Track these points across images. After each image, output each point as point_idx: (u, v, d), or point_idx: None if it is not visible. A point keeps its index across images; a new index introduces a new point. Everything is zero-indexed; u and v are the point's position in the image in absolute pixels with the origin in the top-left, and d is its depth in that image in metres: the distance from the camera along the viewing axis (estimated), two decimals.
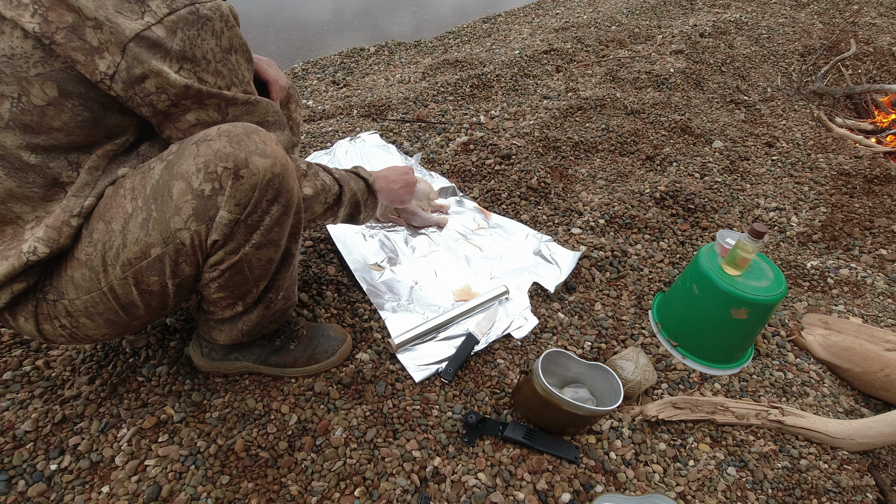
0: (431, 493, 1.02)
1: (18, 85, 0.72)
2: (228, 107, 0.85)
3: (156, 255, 0.82)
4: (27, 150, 0.76)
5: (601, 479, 1.08)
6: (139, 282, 0.85)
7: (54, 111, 0.75)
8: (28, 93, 0.72)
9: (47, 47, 0.70)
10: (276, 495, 0.99)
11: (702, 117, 2.52)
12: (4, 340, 1.20)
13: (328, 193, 1.05)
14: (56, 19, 0.69)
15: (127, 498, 0.96)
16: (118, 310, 0.88)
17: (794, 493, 1.11)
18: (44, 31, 0.69)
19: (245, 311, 1.00)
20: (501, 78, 2.62)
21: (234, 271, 0.89)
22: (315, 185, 1.01)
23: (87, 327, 0.89)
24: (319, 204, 1.05)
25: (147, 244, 0.81)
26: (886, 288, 1.67)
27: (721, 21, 3.59)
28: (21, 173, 0.77)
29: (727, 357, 1.35)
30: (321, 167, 1.06)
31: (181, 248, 0.83)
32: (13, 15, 0.68)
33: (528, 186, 1.85)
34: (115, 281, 0.84)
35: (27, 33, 0.69)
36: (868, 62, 3.26)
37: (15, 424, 1.04)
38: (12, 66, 0.71)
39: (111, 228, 0.82)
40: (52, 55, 0.71)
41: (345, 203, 1.11)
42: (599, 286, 1.55)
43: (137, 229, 0.81)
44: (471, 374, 1.26)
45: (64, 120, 0.76)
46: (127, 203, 0.82)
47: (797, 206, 2.04)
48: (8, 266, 0.79)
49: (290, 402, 1.14)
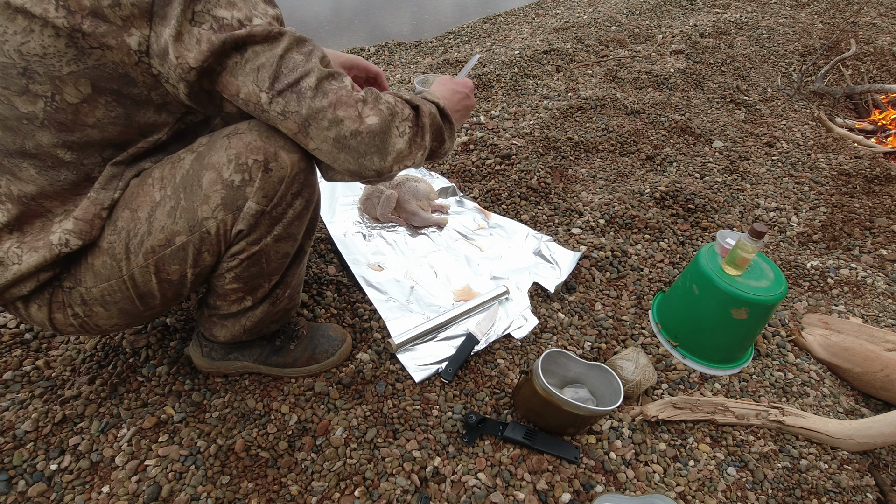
0: (431, 493, 1.02)
1: (52, 84, 0.71)
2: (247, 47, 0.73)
3: (180, 243, 0.84)
4: (62, 148, 0.76)
5: (601, 479, 1.08)
6: (160, 270, 0.86)
7: (88, 108, 0.74)
8: (62, 91, 0.72)
9: (79, 43, 0.68)
10: (276, 495, 0.99)
11: (702, 117, 2.52)
12: (4, 340, 1.20)
13: (400, 118, 0.83)
14: (76, 7, 0.67)
15: (127, 498, 0.96)
16: (134, 298, 0.89)
17: (794, 493, 1.11)
18: (71, 23, 0.67)
19: (251, 307, 1.00)
20: (501, 78, 2.62)
21: (252, 262, 0.91)
22: (381, 111, 0.80)
23: (99, 316, 0.90)
24: (395, 135, 0.82)
25: (173, 232, 0.83)
26: (886, 288, 1.67)
27: (721, 21, 3.59)
28: (53, 171, 0.78)
29: (727, 357, 1.35)
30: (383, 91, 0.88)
31: (206, 237, 0.84)
32: (41, 11, 0.66)
33: (528, 186, 1.85)
34: (137, 269, 0.85)
35: (59, 30, 0.67)
36: (868, 62, 3.26)
37: (15, 424, 1.04)
38: (45, 66, 0.70)
39: (137, 216, 0.83)
40: (84, 52, 0.69)
41: (426, 127, 0.87)
42: (599, 286, 1.55)
43: (164, 217, 0.82)
44: (471, 374, 1.26)
45: (98, 116, 0.75)
46: (155, 192, 0.83)
47: (797, 206, 2.04)
48: (39, 258, 0.80)
49: (290, 402, 1.14)
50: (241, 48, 0.72)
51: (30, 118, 0.73)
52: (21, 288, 0.84)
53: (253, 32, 0.72)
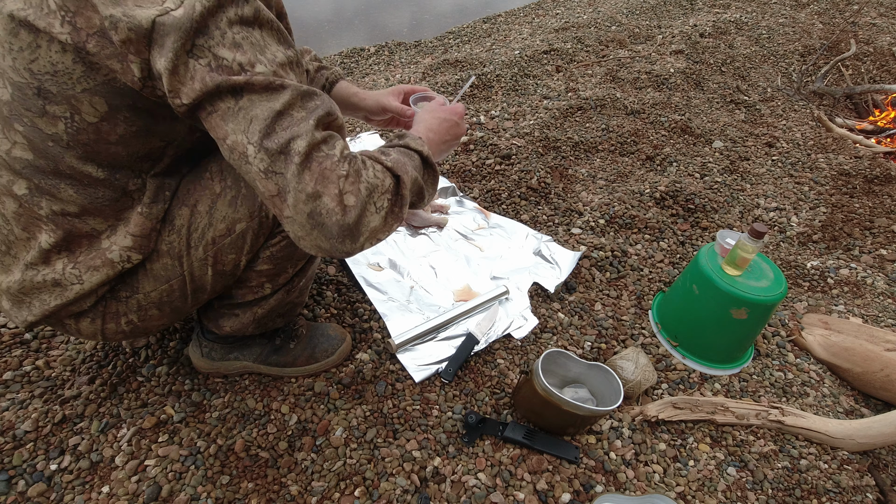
0: (431, 494, 1.02)
1: (68, 104, 0.69)
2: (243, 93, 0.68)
3: (240, 230, 0.86)
4: (92, 166, 0.75)
5: (601, 479, 1.08)
6: (217, 261, 0.88)
7: (109, 126, 0.72)
8: (79, 111, 0.70)
9: (85, 59, 0.66)
10: (276, 495, 0.99)
11: (702, 117, 2.52)
12: (4, 340, 1.20)
13: (380, 192, 0.75)
14: (84, 25, 0.64)
15: (127, 498, 0.96)
16: (188, 295, 0.91)
17: (794, 493, 1.11)
18: (75, 40, 0.64)
19: (267, 296, 1.01)
20: (501, 78, 2.62)
21: (290, 241, 0.93)
22: (359, 192, 0.71)
23: (152, 319, 0.91)
24: (372, 212, 0.74)
25: (234, 220, 0.85)
26: (886, 288, 1.67)
27: (721, 21, 3.59)
28: (90, 189, 0.77)
29: (727, 357, 1.34)
30: (367, 156, 0.77)
31: (264, 221, 0.87)
32: (45, 25, 0.64)
33: (528, 186, 1.85)
34: (196, 262, 0.87)
35: (64, 46, 0.65)
36: (868, 62, 3.26)
37: (15, 424, 1.04)
38: (58, 85, 0.67)
39: (197, 210, 0.85)
40: (92, 68, 0.67)
41: (406, 197, 0.80)
42: (599, 286, 1.55)
43: (226, 207, 0.85)
44: (471, 374, 1.26)
45: (119, 133, 0.74)
46: (215, 184, 0.85)
47: (797, 207, 2.04)
48: (102, 276, 0.82)
49: (290, 402, 1.14)
50: (237, 94, 0.66)
51: (54, 140, 0.72)
52: (80, 305, 0.84)
53: (252, 81, 0.66)
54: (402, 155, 0.82)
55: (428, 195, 0.91)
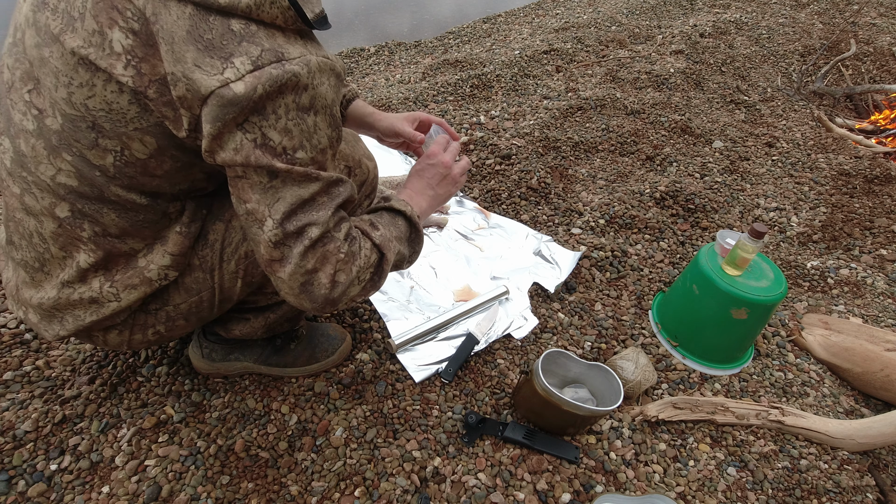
0: (431, 494, 1.02)
1: (119, 140, 0.70)
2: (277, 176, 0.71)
3: None
4: (137, 194, 0.77)
5: (601, 479, 1.08)
6: (247, 274, 0.90)
7: (156, 162, 0.74)
8: (129, 147, 0.71)
9: (141, 102, 0.67)
10: (276, 495, 0.99)
11: (702, 117, 2.52)
12: (4, 340, 1.20)
13: (365, 267, 0.83)
14: (149, 71, 0.65)
15: (127, 498, 0.96)
16: (215, 306, 0.92)
17: (794, 493, 1.11)
18: (136, 84, 0.66)
19: (281, 301, 1.02)
20: (501, 78, 2.62)
21: None
22: (350, 272, 0.79)
23: (178, 328, 0.92)
24: (354, 283, 0.82)
25: None
26: (886, 288, 1.67)
27: (721, 21, 3.59)
28: (132, 213, 0.78)
29: (727, 357, 1.34)
30: (359, 230, 0.84)
31: None
32: (106, 65, 0.65)
33: (528, 186, 1.85)
34: (227, 275, 0.89)
35: (122, 87, 0.66)
36: (868, 62, 3.26)
37: (15, 424, 1.04)
38: (111, 122, 0.69)
39: (231, 226, 0.86)
40: (146, 110, 0.68)
41: (385, 272, 0.87)
42: (599, 286, 1.55)
43: None
44: (471, 374, 1.26)
45: (166, 169, 0.75)
46: None
47: (797, 207, 2.04)
48: (140, 293, 0.83)
49: (290, 402, 1.14)
50: (273, 175, 0.70)
51: (101, 171, 0.73)
52: (113, 320, 0.86)
53: (291, 171, 0.69)
54: (390, 224, 0.89)
55: (406, 264, 0.98)
